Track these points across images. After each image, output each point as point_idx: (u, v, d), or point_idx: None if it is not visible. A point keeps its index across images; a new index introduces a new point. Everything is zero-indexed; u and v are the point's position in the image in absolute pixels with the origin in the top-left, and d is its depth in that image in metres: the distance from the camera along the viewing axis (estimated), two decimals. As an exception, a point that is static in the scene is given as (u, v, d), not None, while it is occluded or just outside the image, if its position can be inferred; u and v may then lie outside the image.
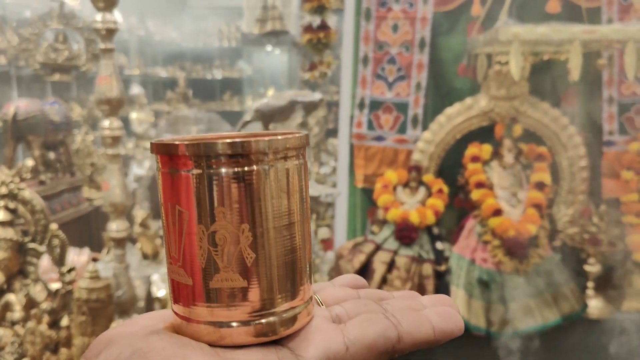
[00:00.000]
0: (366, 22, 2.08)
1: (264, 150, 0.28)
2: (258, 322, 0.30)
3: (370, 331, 0.31)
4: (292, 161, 0.30)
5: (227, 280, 0.29)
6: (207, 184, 0.28)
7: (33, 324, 1.49)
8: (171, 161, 0.29)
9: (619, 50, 1.97)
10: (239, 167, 0.28)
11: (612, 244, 1.89)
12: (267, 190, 0.29)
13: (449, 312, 0.34)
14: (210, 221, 0.28)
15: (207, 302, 0.29)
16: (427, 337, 0.32)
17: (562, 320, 1.81)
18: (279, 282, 0.30)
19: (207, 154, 0.28)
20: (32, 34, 3.25)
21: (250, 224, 0.29)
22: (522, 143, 1.99)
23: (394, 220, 1.92)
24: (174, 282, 0.31)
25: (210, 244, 0.28)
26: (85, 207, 2.82)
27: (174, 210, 0.29)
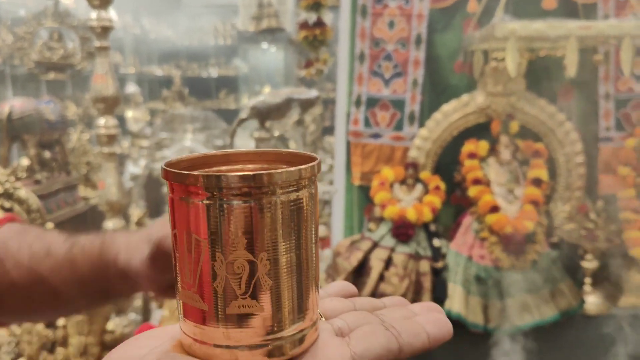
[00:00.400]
0: (362, 18, 2.07)
1: (277, 182, 0.29)
2: (270, 345, 0.31)
3: (375, 344, 0.32)
4: (304, 191, 0.30)
5: (244, 307, 0.30)
6: (225, 214, 0.29)
7: (29, 323, 1.48)
8: (186, 190, 0.29)
9: (615, 46, 1.97)
10: (254, 199, 0.29)
11: (609, 240, 1.90)
12: (281, 220, 0.29)
13: (440, 320, 0.36)
14: (229, 250, 0.29)
15: (222, 327, 0.30)
16: (423, 345, 0.35)
17: (560, 316, 1.81)
18: (291, 306, 0.31)
19: (223, 185, 0.28)
20: (27, 33, 3.23)
21: (267, 253, 0.29)
22: (518, 139, 2.00)
23: (391, 217, 1.92)
24: (187, 306, 0.31)
25: (228, 272, 0.29)
26: (81, 206, 2.80)
27: (190, 238, 0.29)
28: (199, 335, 0.31)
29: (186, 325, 0.32)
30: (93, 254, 0.60)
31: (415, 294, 1.82)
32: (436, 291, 1.84)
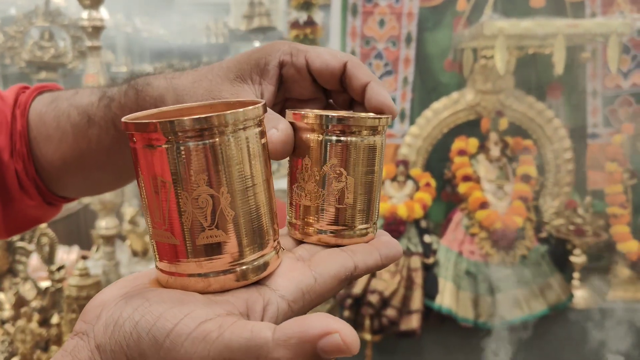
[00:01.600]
0: (353, 17, 2.09)
1: (226, 123, 0.32)
2: (239, 269, 0.34)
3: (332, 263, 0.36)
4: (251, 130, 0.34)
5: (211, 237, 0.33)
6: (184, 155, 0.32)
7: (23, 322, 1.49)
8: (146, 137, 0.32)
9: (602, 44, 1.99)
10: (207, 139, 0.32)
11: (596, 235, 1.92)
12: (234, 157, 0.33)
13: (390, 242, 0.40)
14: (192, 188, 0.32)
15: (194, 258, 0.33)
16: (376, 263, 0.39)
17: (549, 311, 1.83)
18: (253, 234, 0.35)
19: (178, 129, 0.31)
20: (18, 32, 3.22)
21: (227, 187, 0.33)
22: (508, 136, 2.02)
23: (382, 214, 1.93)
24: (160, 244, 0.34)
25: (193, 207, 0.32)
26: (74, 205, 2.80)
27: (156, 182, 0.32)
28: (174, 268, 0.34)
29: (161, 263, 0.35)
30: (132, 108, 0.54)
31: (407, 290, 1.84)
32: (427, 286, 1.86)
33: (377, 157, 0.40)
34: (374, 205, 0.41)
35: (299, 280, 0.35)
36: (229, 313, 0.32)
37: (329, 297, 0.36)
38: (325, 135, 0.38)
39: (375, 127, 0.39)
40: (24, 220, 0.65)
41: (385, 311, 1.80)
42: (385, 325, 1.80)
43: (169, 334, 0.30)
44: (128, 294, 0.33)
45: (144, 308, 0.31)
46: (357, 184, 0.39)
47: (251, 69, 0.47)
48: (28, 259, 1.67)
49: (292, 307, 0.34)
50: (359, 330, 1.84)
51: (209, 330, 0.30)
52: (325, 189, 0.39)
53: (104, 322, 0.32)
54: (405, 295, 1.83)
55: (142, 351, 0.30)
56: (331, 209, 0.39)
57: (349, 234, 0.39)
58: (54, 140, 0.60)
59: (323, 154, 0.39)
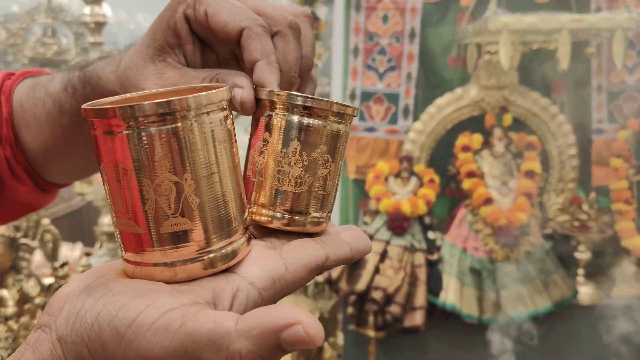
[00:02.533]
0: (356, 13, 2.08)
1: (188, 107, 0.31)
2: (206, 257, 0.33)
3: (303, 253, 0.36)
4: (215, 114, 0.33)
5: (175, 225, 0.32)
6: (144, 141, 0.31)
7: (27, 319, 1.49)
8: (106, 124, 0.31)
9: (608, 39, 1.98)
10: (169, 124, 0.31)
11: (601, 231, 1.91)
12: (197, 142, 0.32)
13: (361, 236, 0.40)
14: (154, 175, 0.31)
15: (159, 246, 0.32)
16: (346, 255, 0.38)
17: (553, 307, 1.83)
18: (219, 221, 0.34)
19: (138, 114, 0.30)
20: (20, 29, 3.22)
21: (190, 173, 0.32)
22: (512, 132, 2.01)
23: (386, 210, 1.93)
24: (124, 233, 0.33)
25: (157, 194, 0.32)
26: (77, 202, 2.81)
27: (117, 169, 0.31)
28: (139, 258, 0.33)
29: (126, 254, 0.34)
30: (92, 98, 0.50)
31: (411, 286, 1.83)
32: (431, 283, 1.85)
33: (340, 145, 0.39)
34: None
35: (270, 268, 0.34)
36: (194, 302, 0.31)
37: (299, 286, 0.36)
38: (294, 115, 0.37)
39: (342, 115, 0.38)
40: (17, 206, 0.64)
41: (389, 308, 1.79)
42: (389, 321, 1.80)
43: (130, 324, 0.29)
44: (91, 286, 0.33)
45: (107, 299, 0.31)
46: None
47: (164, 34, 0.43)
48: (31, 255, 1.67)
49: (262, 295, 0.33)
50: (362, 327, 1.84)
51: (171, 320, 0.29)
52: (312, 175, 0.38)
53: (65, 314, 0.32)
54: (409, 292, 1.83)
55: (103, 342, 0.30)
56: (305, 195, 0.38)
57: (300, 221, 0.39)
58: (33, 129, 0.59)
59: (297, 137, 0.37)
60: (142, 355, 0.29)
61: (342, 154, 0.40)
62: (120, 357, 0.30)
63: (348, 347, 1.98)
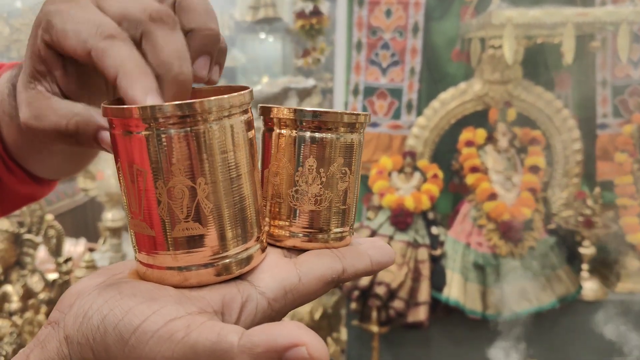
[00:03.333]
0: (359, 7, 2.07)
1: (209, 110, 0.31)
2: (217, 264, 0.33)
3: (319, 264, 0.35)
4: (237, 117, 0.33)
5: (187, 230, 0.32)
6: (161, 144, 0.30)
7: (31, 314, 1.50)
8: (124, 123, 0.31)
9: (612, 33, 1.97)
10: (188, 126, 0.31)
11: (606, 227, 1.91)
12: (215, 146, 0.31)
13: (383, 247, 0.38)
14: (168, 178, 0.31)
15: (169, 250, 0.32)
16: (366, 268, 0.37)
17: (558, 303, 1.82)
18: (233, 227, 0.33)
19: (158, 115, 0.30)
20: (23, 25, 3.23)
21: (205, 177, 0.32)
22: (516, 127, 2.00)
23: (390, 206, 1.92)
24: (138, 234, 0.33)
25: (169, 198, 0.31)
26: (81, 198, 2.81)
27: (132, 170, 0.31)
28: (151, 260, 0.33)
29: (140, 255, 0.34)
30: None
31: (414, 281, 1.83)
32: (434, 278, 1.85)
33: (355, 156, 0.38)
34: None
35: (283, 278, 0.34)
36: (202, 311, 0.31)
37: (312, 298, 0.35)
38: (299, 131, 0.36)
39: (353, 124, 0.37)
40: (16, 198, 0.63)
41: (393, 303, 1.79)
42: (392, 317, 1.80)
43: (135, 330, 0.29)
44: (103, 285, 0.33)
45: (114, 301, 0.31)
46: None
47: (32, 61, 0.37)
48: (35, 251, 1.67)
49: (272, 305, 0.33)
50: (366, 322, 1.84)
51: (175, 330, 0.29)
52: (332, 190, 0.37)
53: (74, 313, 0.31)
54: (412, 287, 1.82)
55: (107, 346, 0.30)
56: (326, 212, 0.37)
57: (323, 238, 0.37)
58: (4, 124, 0.55)
59: (301, 152, 0.36)
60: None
61: (359, 164, 0.39)
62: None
63: (351, 342, 1.98)
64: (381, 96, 2.11)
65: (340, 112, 0.36)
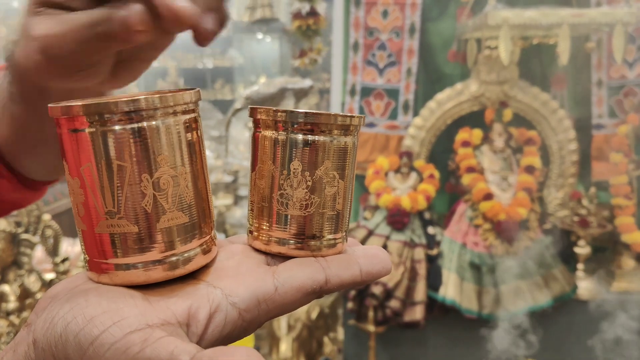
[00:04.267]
0: (356, 8, 2.07)
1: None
2: (207, 248, 0.34)
3: (299, 273, 0.34)
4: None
5: (173, 219, 0.32)
6: (147, 136, 0.31)
7: (28, 314, 1.50)
8: (102, 120, 0.31)
9: (608, 34, 1.98)
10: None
11: (601, 226, 1.91)
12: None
13: (377, 255, 0.36)
14: (154, 169, 0.31)
15: (157, 243, 0.32)
16: (353, 278, 0.35)
17: (553, 302, 1.83)
18: (206, 214, 0.35)
19: (134, 109, 0.30)
20: (21, 25, 3.22)
21: (187, 166, 0.33)
22: (512, 127, 2.01)
23: (386, 205, 1.93)
24: (110, 236, 0.32)
25: (155, 189, 0.31)
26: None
27: (111, 166, 0.31)
28: (134, 260, 0.32)
29: (114, 259, 0.33)
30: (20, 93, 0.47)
31: (411, 281, 1.84)
32: (431, 278, 1.86)
33: (349, 159, 0.36)
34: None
35: (256, 287, 0.33)
36: (164, 322, 0.30)
37: (291, 309, 0.34)
38: (292, 133, 0.35)
39: (347, 127, 0.35)
40: (2, 203, 0.62)
41: (389, 302, 1.80)
42: (389, 316, 1.80)
43: (93, 341, 0.29)
44: (75, 290, 0.32)
45: (79, 309, 0.30)
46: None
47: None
48: (32, 251, 1.67)
49: (243, 316, 0.32)
50: (362, 322, 1.85)
51: (132, 343, 0.29)
52: (319, 195, 0.35)
53: (44, 317, 0.31)
54: (409, 287, 1.83)
55: (67, 355, 0.30)
56: (318, 218, 0.36)
57: (315, 245, 0.36)
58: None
59: (292, 155, 0.35)
60: None
61: (353, 167, 0.37)
62: None
63: (348, 341, 1.99)
64: (378, 96, 2.11)
65: (334, 114, 0.35)
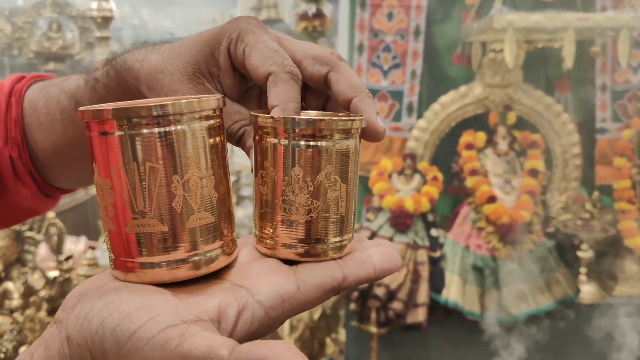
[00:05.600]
0: (361, 10, 2.08)
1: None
2: (225, 247, 0.35)
3: (318, 272, 0.36)
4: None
5: (201, 219, 0.34)
6: (175, 140, 0.32)
7: (32, 311, 1.50)
8: (132, 124, 0.32)
9: (613, 38, 1.98)
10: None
11: (604, 230, 1.92)
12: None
13: (388, 253, 0.38)
14: (183, 171, 0.33)
15: (184, 242, 0.33)
16: (368, 275, 0.37)
17: (555, 305, 1.83)
18: (228, 216, 0.36)
19: (162, 114, 0.32)
20: (26, 23, 3.23)
21: (212, 169, 0.34)
22: (516, 130, 2.01)
23: (389, 207, 1.93)
24: (139, 236, 0.33)
25: (184, 190, 0.33)
26: (82, 196, 2.82)
27: (144, 168, 0.32)
28: (162, 259, 0.33)
29: (141, 257, 0.34)
30: (115, 88, 0.51)
31: (413, 283, 1.84)
32: (434, 280, 1.86)
33: (352, 162, 0.37)
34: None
35: (280, 286, 0.34)
36: (197, 319, 0.31)
37: (311, 306, 0.35)
38: (292, 140, 0.35)
39: (349, 130, 0.36)
40: (18, 211, 0.64)
41: (392, 304, 1.80)
42: (391, 318, 1.81)
43: (131, 336, 0.30)
44: (105, 288, 0.33)
45: (114, 306, 0.31)
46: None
47: (207, 61, 0.43)
48: (36, 248, 1.68)
49: (269, 313, 0.33)
50: (365, 323, 1.85)
51: (169, 338, 0.29)
52: (320, 199, 0.36)
53: (76, 314, 0.32)
54: (411, 289, 1.83)
55: (105, 350, 0.30)
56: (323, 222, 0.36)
57: (322, 249, 0.37)
58: (45, 128, 0.58)
59: (295, 160, 0.35)
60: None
61: (356, 169, 0.37)
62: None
63: (350, 342, 1.99)
64: (382, 98, 2.12)
65: (334, 119, 0.35)
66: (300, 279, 0.35)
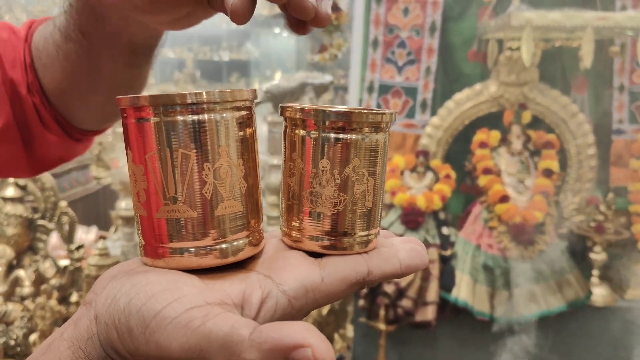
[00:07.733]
0: (377, 5, 2.06)
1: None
2: (251, 237, 0.36)
3: (343, 265, 0.36)
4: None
5: (229, 207, 0.34)
6: (208, 128, 0.33)
7: (43, 299, 1.51)
8: (167, 111, 0.33)
9: (632, 38, 1.95)
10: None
11: (618, 233, 1.89)
12: (247, 130, 0.35)
13: (415, 249, 0.38)
14: (215, 159, 0.33)
15: (213, 230, 0.34)
16: (394, 270, 0.37)
17: (567, 307, 1.82)
18: (256, 207, 0.37)
19: (197, 101, 0.33)
20: (41, 12, 3.24)
21: (242, 159, 0.35)
22: (530, 130, 1.99)
23: (401, 204, 1.92)
24: (169, 221, 0.34)
25: (215, 178, 0.33)
26: (93, 186, 2.83)
27: (177, 154, 0.33)
28: (190, 245, 0.34)
29: (172, 243, 0.35)
30: (83, 8, 0.51)
31: (423, 281, 1.83)
32: (444, 279, 1.85)
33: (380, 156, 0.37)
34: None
35: (305, 277, 0.34)
36: (221, 302, 0.32)
37: (335, 299, 0.35)
38: (322, 132, 0.35)
39: (378, 124, 0.36)
40: (47, 158, 0.64)
41: (401, 302, 1.79)
42: (400, 315, 1.80)
43: (156, 315, 0.31)
44: (133, 271, 0.34)
45: (141, 286, 0.32)
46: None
47: None
48: (48, 237, 1.68)
49: (293, 303, 0.33)
50: (373, 320, 1.84)
51: (193, 317, 0.30)
52: (347, 193, 0.36)
53: (105, 294, 0.33)
54: (421, 287, 1.82)
55: (130, 328, 0.31)
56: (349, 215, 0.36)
57: (348, 242, 0.37)
58: (49, 68, 0.59)
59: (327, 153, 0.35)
60: (161, 347, 0.30)
61: (384, 164, 0.37)
62: (143, 345, 0.31)
63: (358, 339, 1.98)
64: (396, 94, 2.10)
65: (365, 112, 0.35)
66: (325, 271, 0.35)
